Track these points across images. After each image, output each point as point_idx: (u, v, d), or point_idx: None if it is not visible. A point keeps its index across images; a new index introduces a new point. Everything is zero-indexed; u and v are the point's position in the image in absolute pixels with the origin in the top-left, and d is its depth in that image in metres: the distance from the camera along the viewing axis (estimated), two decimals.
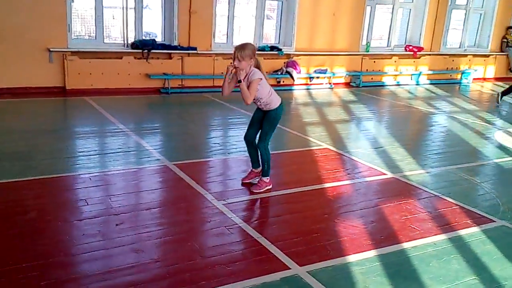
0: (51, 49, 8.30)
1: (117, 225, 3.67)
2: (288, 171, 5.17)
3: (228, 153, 5.67)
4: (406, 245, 3.56)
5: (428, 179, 5.04)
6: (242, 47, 4.11)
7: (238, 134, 6.78)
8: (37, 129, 6.20)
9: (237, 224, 3.75)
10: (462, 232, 3.83)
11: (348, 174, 5.09)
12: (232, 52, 4.15)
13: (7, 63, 8.05)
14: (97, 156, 5.23)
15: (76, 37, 8.82)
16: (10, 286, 2.80)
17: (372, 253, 3.41)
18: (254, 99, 4.25)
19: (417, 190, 4.69)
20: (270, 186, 4.46)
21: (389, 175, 5.10)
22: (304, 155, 5.71)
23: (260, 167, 4.52)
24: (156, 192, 4.38)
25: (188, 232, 3.59)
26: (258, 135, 4.48)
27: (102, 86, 8.76)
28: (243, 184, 4.54)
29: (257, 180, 4.50)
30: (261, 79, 4.16)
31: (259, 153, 4.48)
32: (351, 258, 3.33)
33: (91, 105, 7.69)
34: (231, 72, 4.18)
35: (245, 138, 4.54)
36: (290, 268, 3.16)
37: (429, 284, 3.07)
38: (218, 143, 6.01)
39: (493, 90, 12.03)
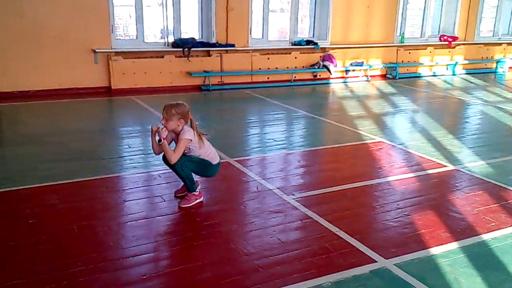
0: (96, 50, 8.47)
1: (197, 220, 3.78)
2: (348, 165, 5.21)
3: (284, 148, 5.73)
4: (485, 236, 3.57)
5: (491, 170, 5.02)
6: (170, 106, 3.82)
7: (289, 129, 6.86)
8: (95, 128, 6.38)
9: (312, 218, 3.82)
10: None
11: (409, 167, 5.10)
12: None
13: (55, 65, 8.26)
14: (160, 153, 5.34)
15: (118, 38, 8.98)
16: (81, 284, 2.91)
17: (454, 245, 3.43)
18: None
19: (483, 182, 4.67)
20: (201, 199, 4.06)
21: (450, 167, 5.09)
22: (359, 148, 5.74)
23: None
24: (226, 187, 4.47)
25: (268, 226, 3.66)
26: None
27: (145, 85, 8.92)
28: (175, 196, 4.12)
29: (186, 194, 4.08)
30: (191, 139, 3.83)
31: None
32: (434, 250, 3.36)
33: (139, 104, 7.84)
34: (155, 132, 3.83)
35: (163, 159, 4.06)
36: (376, 261, 3.20)
37: None
38: (272, 139, 6.06)
39: None
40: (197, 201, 4.04)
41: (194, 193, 4.03)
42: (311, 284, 2.90)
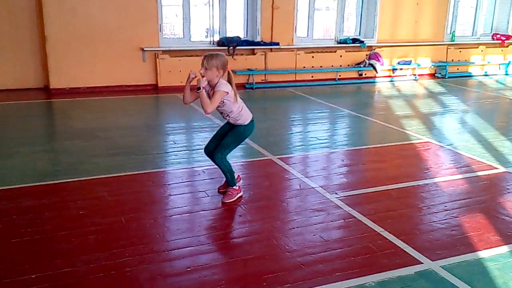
0: (144, 49, 8.69)
1: (240, 216, 3.82)
2: (394, 165, 5.10)
3: (327, 147, 5.69)
4: None
5: None
6: (211, 56, 3.78)
7: (332, 127, 6.81)
8: (141, 124, 6.55)
9: (355, 217, 3.77)
10: None
11: (457, 168, 4.95)
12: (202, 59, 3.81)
13: (105, 63, 8.53)
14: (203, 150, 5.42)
15: (165, 36, 9.17)
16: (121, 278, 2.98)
17: (504, 249, 3.32)
18: (223, 114, 3.98)
19: None
20: (241, 193, 4.11)
21: (501, 169, 4.90)
22: (406, 148, 5.61)
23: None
24: (268, 184, 4.49)
25: (310, 224, 3.65)
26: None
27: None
28: (219, 192, 4.17)
29: (227, 190, 4.11)
30: (227, 92, 3.80)
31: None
32: (483, 253, 3.25)
33: None
34: (191, 80, 3.85)
35: (205, 150, 4.14)
36: (422, 263, 3.13)
37: None
38: (315, 137, 6.03)
39: None
40: (238, 195, 4.08)
41: (235, 187, 4.07)
42: (354, 283, 2.88)
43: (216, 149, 3.98)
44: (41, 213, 3.68)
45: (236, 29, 9.95)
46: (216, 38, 9.54)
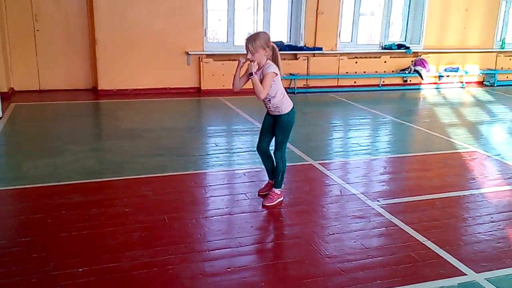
0: (189, 53, 8.87)
1: (279, 219, 3.84)
2: (439, 174, 4.99)
3: (369, 154, 5.63)
4: None
5: None
6: (253, 38, 3.71)
7: (375, 134, 6.72)
8: (185, 126, 6.69)
9: (397, 226, 3.72)
10: None
11: (505, 179, 4.79)
12: (244, 44, 3.77)
13: (151, 66, 8.76)
14: (245, 153, 5.48)
15: (209, 41, 9.33)
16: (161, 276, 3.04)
17: None
18: (265, 98, 3.84)
19: None
20: (282, 198, 4.09)
21: None
22: (452, 158, 5.48)
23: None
24: (309, 189, 4.48)
25: (350, 231, 3.62)
26: (273, 144, 4.06)
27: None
28: (259, 195, 4.19)
29: (269, 192, 4.12)
30: (276, 73, 3.75)
31: (275, 164, 4.07)
32: None
33: (227, 104, 8.09)
34: (242, 65, 3.82)
35: (258, 149, 4.13)
36: (466, 274, 3.05)
37: None
38: (357, 143, 5.97)
39: None
40: (279, 200, 4.09)
41: (277, 191, 4.08)
42: None
43: (275, 149, 4.00)
44: (88, 209, 3.82)
45: (279, 34, 10.00)
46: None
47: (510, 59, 11.06)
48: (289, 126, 3.99)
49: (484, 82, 10.85)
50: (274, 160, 4.05)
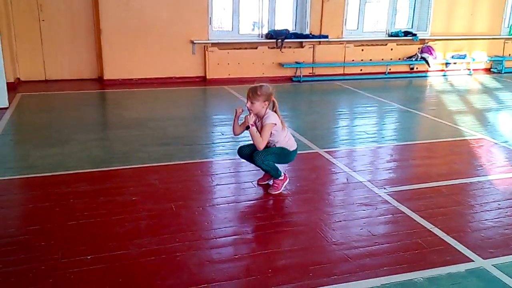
0: (194, 41, 8.84)
1: (286, 207, 3.85)
2: (446, 161, 4.96)
3: (375, 141, 5.61)
4: None
5: None
6: (255, 89, 3.82)
7: (381, 122, 6.70)
8: (190, 115, 6.70)
9: (404, 213, 3.71)
10: None
11: None
12: (246, 93, 3.89)
13: (156, 55, 8.75)
14: (250, 141, 5.46)
15: (215, 30, 9.29)
16: (174, 262, 3.06)
17: None
18: (269, 144, 3.97)
19: None
20: (287, 181, 4.11)
21: None
22: (459, 145, 5.45)
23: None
24: (315, 177, 4.48)
25: (357, 218, 3.62)
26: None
27: (238, 75, 9.15)
28: (258, 184, 4.19)
29: (272, 181, 4.12)
30: (275, 124, 3.86)
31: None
32: None
33: (232, 93, 8.08)
34: (239, 115, 3.97)
35: (239, 152, 4.16)
36: (473, 261, 3.05)
37: None
38: (363, 131, 5.96)
39: None
40: (285, 184, 4.10)
41: (280, 177, 4.08)
42: (403, 278, 2.84)
43: (259, 153, 3.92)
44: (96, 198, 3.84)
45: (285, 22, 9.93)
46: (265, 31, 9.57)
47: None
48: (286, 156, 4.06)
49: (491, 69, 10.76)
50: (255, 164, 4.00)
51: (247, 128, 3.87)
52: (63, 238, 3.21)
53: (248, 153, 4.10)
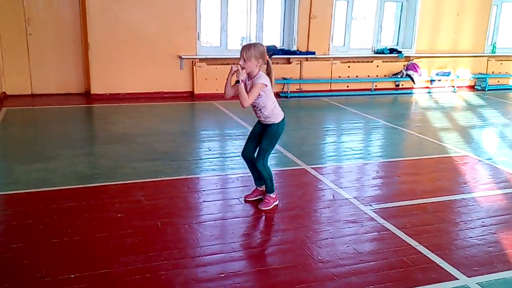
0: (182, 57, 8.87)
1: (272, 224, 3.85)
2: (431, 178, 5.02)
3: (362, 158, 5.65)
4: None
5: None
6: (249, 47, 3.72)
7: (367, 138, 6.75)
8: (178, 131, 6.68)
9: (390, 230, 3.73)
10: None
11: (496, 183, 4.83)
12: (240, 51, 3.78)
13: (144, 70, 8.75)
14: (238, 157, 5.46)
15: (203, 45, 9.33)
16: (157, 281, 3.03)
17: None
18: (256, 108, 3.92)
19: None
20: (277, 202, 4.14)
21: None
22: (443, 162, 5.52)
23: (264, 186, 4.18)
24: (302, 194, 4.49)
25: (343, 235, 3.63)
26: (256, 152, 4.07)
27: None
28: (245, 201, 4.21)
29: (264, 197, 4.16)
30: (266, 85, 3.77)
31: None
32: None
33: (220, 109, 8.10)
34: (234, 73, 3.78)
35: (242, 154, 4.16)
36: (458, 279, 3.07)
37: None
38: (349, 148, 6.00)
39: None
40: (275, 203, 4.11)
41: (272, 195, 4.10)
42: None
43: (257, 156, 4.01)
44: (81, 215, 3.80)
45: (272, 38, 10.03)
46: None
47: (501, 64, 11.17)
48: (277, 136, 4.01)
49: (475, 86, 10.95)
50: (257, 168, 4.03)
51: (237, 82, 3.72)
52: (46, 256, 3.17)
53: (249, 153, 4.09)
